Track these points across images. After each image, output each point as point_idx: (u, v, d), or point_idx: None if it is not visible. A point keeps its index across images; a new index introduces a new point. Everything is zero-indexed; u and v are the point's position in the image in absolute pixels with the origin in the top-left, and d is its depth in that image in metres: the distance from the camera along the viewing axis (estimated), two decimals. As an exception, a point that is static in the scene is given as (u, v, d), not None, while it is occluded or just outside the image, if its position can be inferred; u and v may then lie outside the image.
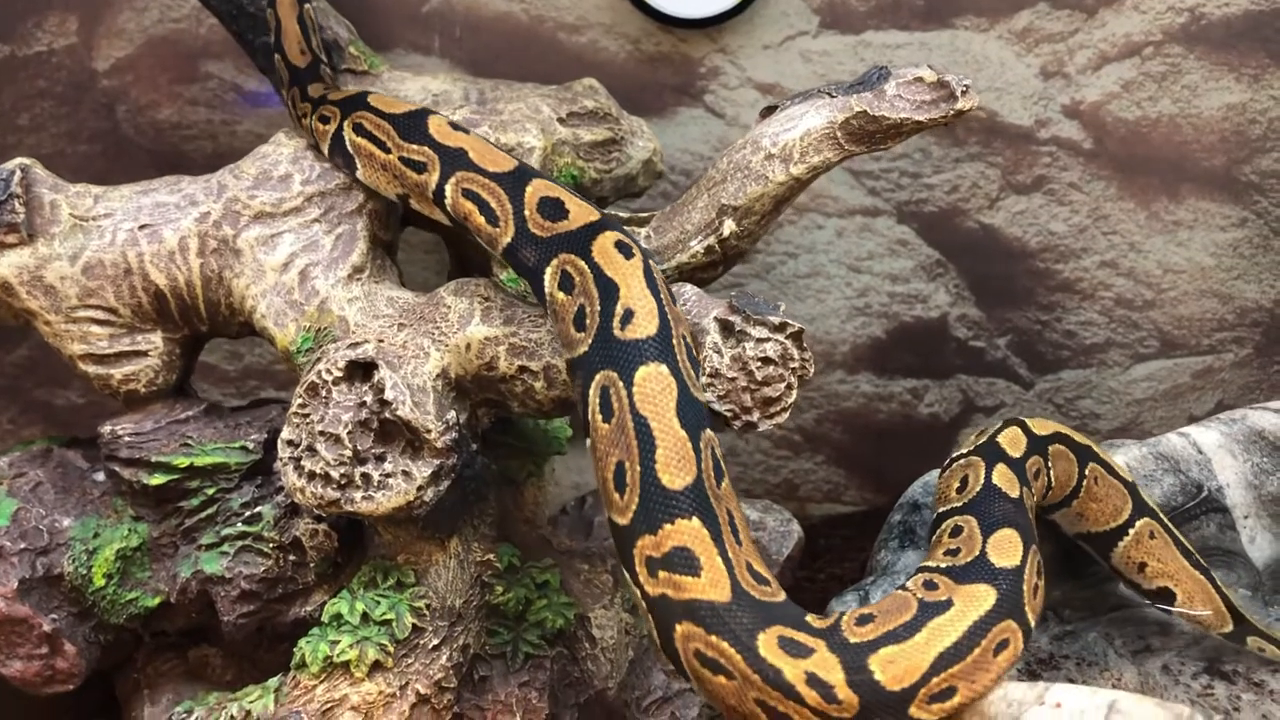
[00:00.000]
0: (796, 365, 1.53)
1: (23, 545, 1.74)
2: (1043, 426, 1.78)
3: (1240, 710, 1.63)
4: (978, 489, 1.60)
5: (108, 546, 1.77)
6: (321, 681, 1.62)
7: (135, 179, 2.58)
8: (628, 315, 1.50)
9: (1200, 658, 1.74)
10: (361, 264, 1.78)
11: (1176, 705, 1.27)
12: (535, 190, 1.66)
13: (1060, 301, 2.67)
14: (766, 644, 1.37)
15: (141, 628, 1.83)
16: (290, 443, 1.61)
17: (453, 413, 1.64)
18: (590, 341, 1.51)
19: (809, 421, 2.73)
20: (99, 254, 1.76)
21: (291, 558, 1.75)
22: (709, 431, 1.47)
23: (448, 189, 1.71)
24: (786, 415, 1.53)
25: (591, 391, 1.48)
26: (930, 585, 1.45)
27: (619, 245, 1.57)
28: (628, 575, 1.44)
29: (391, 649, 1.64)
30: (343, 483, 1.59)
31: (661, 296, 1.53)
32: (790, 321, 1.54)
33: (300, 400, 1.62)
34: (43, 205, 1.76)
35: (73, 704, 1.91)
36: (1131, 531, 1.77)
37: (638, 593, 1.43)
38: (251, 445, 1.80)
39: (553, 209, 1.63)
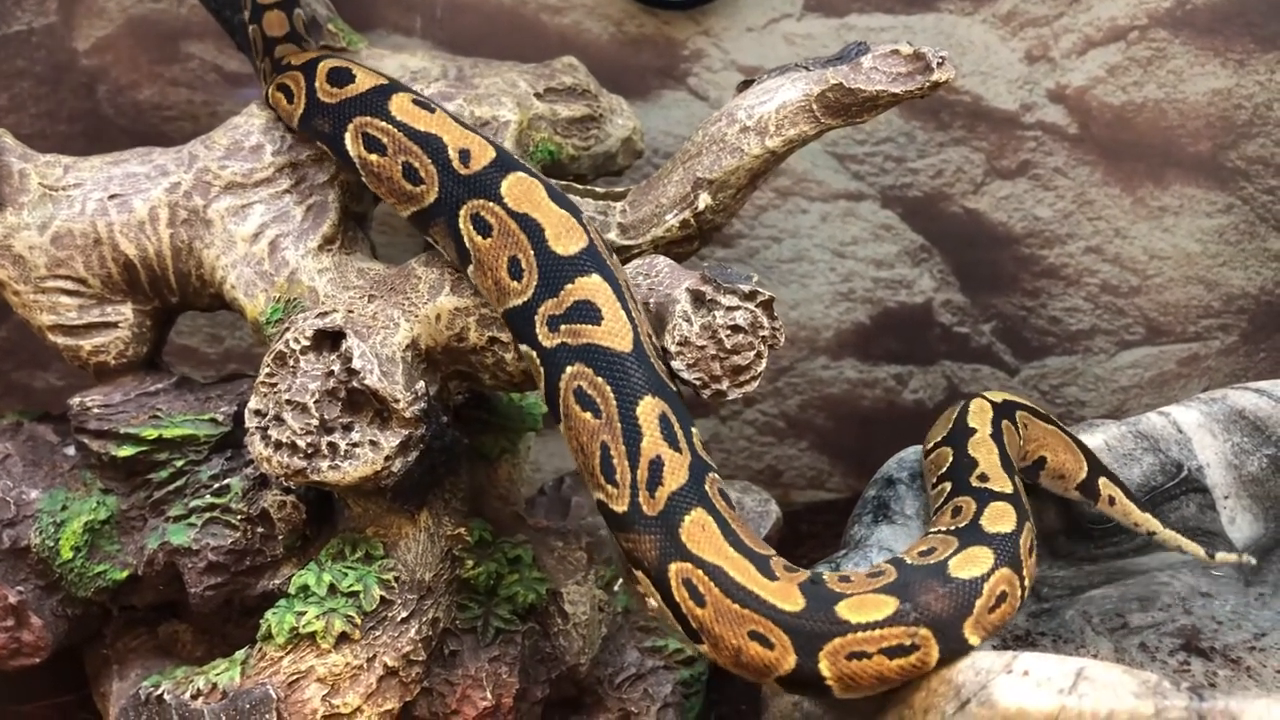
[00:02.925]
0: (766, 333, 1.52)
1: (-12, 517, 1.73)
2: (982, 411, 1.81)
3: (1216, 686, 1.61)
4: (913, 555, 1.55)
5: (76, 519, 1.76)
6: (288, 653, 1.61)
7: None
8: (464, 154, 1.63)
9: (1178, 635, 1.73)
10: (332, 235, 1.77)
11: (1144, 672, 1.25)
12: (326, 65, 1.77)
13: (1045, 287, 2.65)
14: (646, 409, 1.46)
15: (110, 601, 1.82)
16: (257, 412, 1.60)
17: (422, 383, 1.63)
18: (437, 188, 1.63)
19: (792, 408, 2.72)
20: (68, 223, 1.74)
21: (259, 530, 1.74)
22: (588, 215, 1.59)
23: (269, 91, 1.82)
24: (756, 384, 1.52)
25: (462, 222, 1.60)
26: (789, 567, 1.47)
27: (417, 103, 1.70)
28: (525, 347, 1.53)
29: (359, 621, 1.62)
30: (309, 452, 1.58)
31: (481, 133, 1.67)
32: (760, 290, 1.53)
33: (268, 369, 1.61)
34: (11, 174, 1.75)
35: (41, 678, 1.89)
36: (1021, 434, 1.82)
37: (533, 354, 1.52)
38: (221, 418, 1.78)
39: (340, 76, 1.74)
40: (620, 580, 1.90)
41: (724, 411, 2.70)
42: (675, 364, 1.52)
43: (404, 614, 1.66)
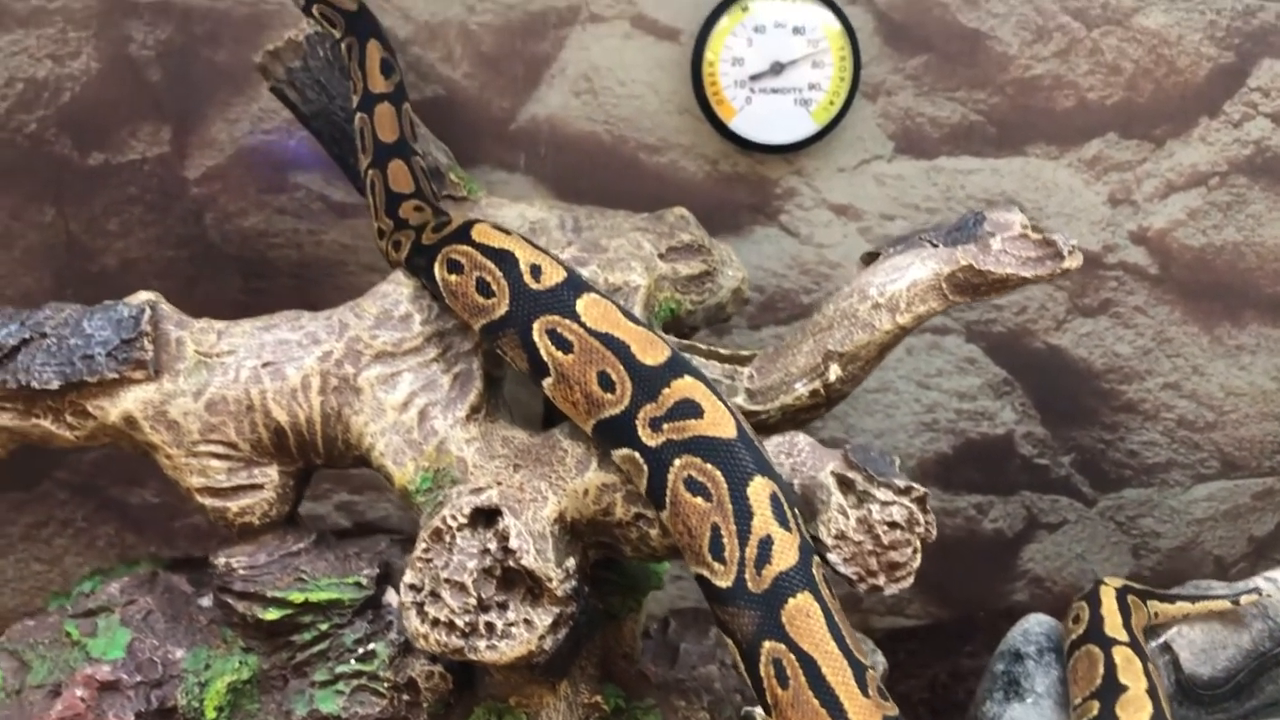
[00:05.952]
0: (922, 530, 1.56)
1: (139, 678, 1.75)
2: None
3: None
4: None
5: (219, 679, 1.79)
6: (439, 827, 1.63)
7: (220, 284, 2.61)
8: (535, 270, 1.72)
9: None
10: (479, 404, 1.81)
11: None
12: (433, 223, 1.89)
13: (1124, 421, 2.71)
14: (756, 489, 1.53)
15: (247, 759, 1.84)
16: (413, 587, 1.63)
17: (571, 560, 1.67)
18: (508, 302, 1.72)
19: (873, 533, 2.76)
20: (222, 390, 1.78)
21: (405, 698, 1.77)
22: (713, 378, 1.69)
23: (385, 247, 1.95)
24: (911, 579, 1.56)
25: (537, 336, 1.69)
26: (883, 692, 1.52)
27: (496, 227, 1.81)
28: (625, 450, 1.62)
29: (508, 795, 1.65)
30: (467, 630, 1.61)
31: (551, 253, 1.77)
32: (915, 485, 1.57)
33: (424, 545, 1.64)
34: (169, 342, 1.79)
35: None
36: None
37: (637, 456, 1.60)
38: (365, 581, 1.81)
39: (439, 226, 1.86)
40: (740, 740, 1.93)
41: (806, 537, 2.74)
42: (831, 557, 1.56)
43: (548, 786, 1.69)
